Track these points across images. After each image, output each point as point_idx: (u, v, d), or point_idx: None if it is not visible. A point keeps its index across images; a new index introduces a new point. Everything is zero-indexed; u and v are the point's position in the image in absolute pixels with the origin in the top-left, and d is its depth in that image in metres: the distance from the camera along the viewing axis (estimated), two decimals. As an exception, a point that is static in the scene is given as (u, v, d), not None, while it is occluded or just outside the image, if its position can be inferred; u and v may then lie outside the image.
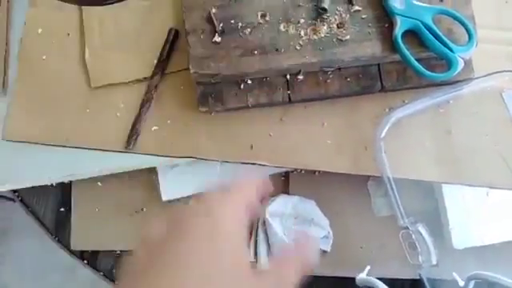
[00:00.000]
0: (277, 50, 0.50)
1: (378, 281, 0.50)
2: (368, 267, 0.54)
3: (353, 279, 0.55)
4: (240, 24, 0.50)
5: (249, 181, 0.32)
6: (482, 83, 0.53)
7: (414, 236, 0.50)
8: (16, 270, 1.39)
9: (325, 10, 0.50)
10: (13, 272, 1.40)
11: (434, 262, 0.49)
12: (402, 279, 0.58)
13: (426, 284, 0.50)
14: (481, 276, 0.49)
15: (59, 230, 0.61)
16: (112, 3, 0.55)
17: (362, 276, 0.53)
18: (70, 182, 0.60)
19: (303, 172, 0.59)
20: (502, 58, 0.54)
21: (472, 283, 0.50)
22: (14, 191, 0.61)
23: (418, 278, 0.53)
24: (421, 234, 0.50)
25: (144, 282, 0.26)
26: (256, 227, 0.57)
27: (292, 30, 0.50)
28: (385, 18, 0.50)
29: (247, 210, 0.29)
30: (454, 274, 0.52)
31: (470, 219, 0.54)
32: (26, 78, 0.56)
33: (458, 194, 0.54)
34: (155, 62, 0.55)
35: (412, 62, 0.48)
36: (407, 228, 0.51)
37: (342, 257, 0.57)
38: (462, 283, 0.51)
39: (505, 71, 0.53)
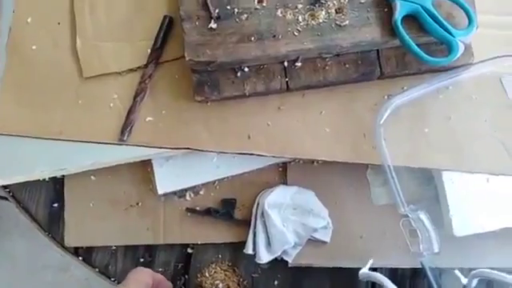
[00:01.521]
0: (274, 36, 0.49)
1: (382, 276, 0.50)
2: (371, 261, 0.53)
3: (352, 270, 0.54)
4: (236, 10, 0.49)
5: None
6: (482, 68, 0.53)
7: (414, 223, 0.50)
8: (8, 269, 1.37)
9: (323, -6, 0.49)
10: (4, 271, 1.37)
11: (436, 250, 0.49)
12: (402, 268, 0.57)
13: (428, 272, 0.50)
14: (484, 274, 0.49)
15: (52, 226, 0.59)
16: (103, -10, 0.54)
17: (364, 270, 0.52)
18: (63, 176, 0.58)
19: (301, 162, 0.58)
20: (502, 43, 0.53)
21: (475, 281, 0.50)
22: (5, 187, 0.59)
23: (418, 267, 0.53)
24: (422, 222, 0.49)
25: None
26: (255, 218, 0.56)
27: (289, 16, 0.49)
28: (384, 2, 0.49)
29: None
30: (457, 271, 0.52)
31: (471, 206, 0.53)
32: (15, 68, 0.54)
33: (458, 180, 0.53)
34: (149, 50, 0.53)
35: (412, 46, 0.47)
36: (407, 216, 0.50)
37: (342, 247, 0.56)
38: (464, 281, 0.51)
39: (504, 56, 0.52)
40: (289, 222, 0.55)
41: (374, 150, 0.51)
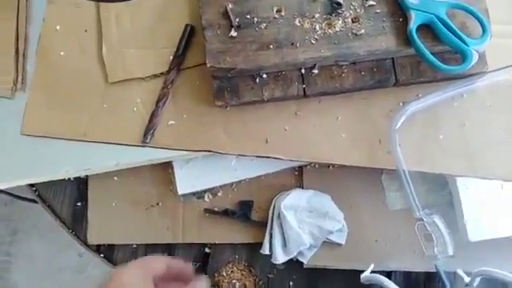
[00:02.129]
0: (292, 44, 0.50)
1: (382, 277, 0.51)
2: (372, 265, 0.54)
3: (367, 272, 0.55)
4: (256, 19, 0.51)
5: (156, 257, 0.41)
6: (496, 77, 0.54)
7: (429, 227, 0.50)
8: (26, 270, 1.40)
9: (340, 4, 0.50)
10: (23, 271, 1.40)
11: (451, 253, 0.50)
12: (416, 272, 0.58)
13: (443, 275, 0.51)
14: (487, 272, 0.49)
15: (76, 224, 0.62)
16: (129, 0, 0.56)
17: (366, 274, 0.53)
18: (87, 176, 0.61)
19: (317, 166, 0.59)
20: (516, 51, 0.54)
21: (478, 279, 0.50)
22: (32, 185, 0.62)
23: (432, 271, 0.54)
24: (436, 225, 0.50)
25: None
26: (271, 220, 0.57)
27: (307, 25, 0.51)
28: (399, 12, 0.51)
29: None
30: (459, 270, 0.52)
31: (485, 212, 0.54)
32: (44, 73, 0.57)
33: (473, 186, 0.54)
34: (171, 57, 0.55)
35: (427, 55, 0.49)
36: (422, 220, 0.51)
37: (357, 250, 0.57)
38: (467, 279, 0.51)
39: (518, 64, 0.53)
40: (304, 224, 0.56)
41: (389, 156, 0.52)
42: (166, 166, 0.59)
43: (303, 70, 0.53)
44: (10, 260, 1.41)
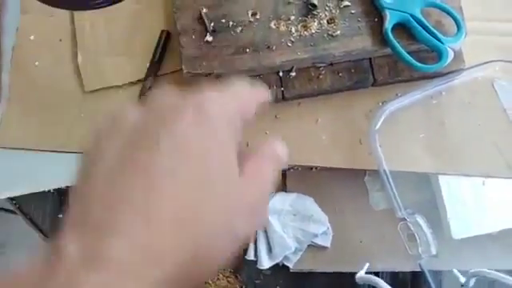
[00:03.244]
0: (268, 47, 0.50)
1: (378, 278, 0.50)
2: (367, 264, 0.54)
3: (353, 274, 0.55)
4: (231, 23, 0.51)
5: (245, 87, 0.28)
6: (474, 74, 0.54)
7: (412, 227, 0.50)
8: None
9: (314, 6, 0.50)
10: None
11: (434, 252, 0.50)
12: (403, 272, 0.58)
13: (427, 274, 0.50)
14: (482, 273, 0.49)
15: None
16: (103, 7, 0.55)
17: (361, 274, 0.53)
18: (67, 187, 0.60)
19: (300, 169, 0.59)
20: (492, 48, 0.54)
21: (473, 280, 0.50)
22: (12, 199, 0.61)
23: (418, 270, 0.53)
24: (419, 225, 0.50)
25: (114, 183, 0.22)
26: (255, 225, 0.57)
27: (283, 27, 0.50)
28: (374, 12, 0.50)
29: (240, 113, 0.27)
30: (455, 270, 0.52)
31: (468, 209, 0.54)
32: (19, 84, 0.56)
33: (455, 184, 0.54)
34: (148, 64, 0.55)
35: (403, 54, 0.48)
36: (405, 219, 0.51)
37: (342, 252, 0.57)
38: (463, 280, 0.51)
39: (495, 61, 0.53)
40: (289, 228, 0.56)
41: (370, 156, 0.52)
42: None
43: (281, 73, 0.52)
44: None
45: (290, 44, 0.50)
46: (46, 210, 0.61)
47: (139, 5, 0.56)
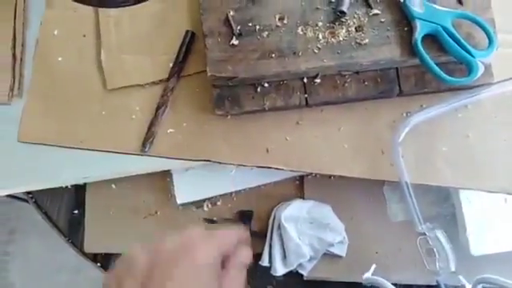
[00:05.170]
0: (294, 53, 0.49)
1: (384, 280, 0.50)
2: (374, 265, 0.53)
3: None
4: (257, 27, 0.50)
5: (230, 232, 0.37)
6: (501, 88, 0.52)
7: (431, 242, 0.50)
8: (23, 270, 1.40)
9: (343, 13, 0.49)
10: (20, 271, 1.40)
11: (453, 269, 0.49)
12: (418, 285, 0.57)
13: (445, 291, 0.50)
14: (489, 280, 0.48)
15: (72, 232, 0.61)
16: (128, 5, 0.55)
17: (368, 275, 0.52)
18: (85, 184, 0.60)
19: (318, 176, 0.58)
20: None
21: (480, 286, 0.49)
22: (28, 192, 0.61)
23: (433, 284, 0.53)
24: (439, 240, 0.49)
25: None
26: (271, 231, 0.56)
27: (310, 33, 0.50)
28: (404, 21, 0.50)
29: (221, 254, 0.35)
30: (461, 277, 0.51)
31: (488, 226, 0.53)
32: (41, 79, 0.56)
33: (476, 199, 0.53)
34: (171, 64, 0.54)
35: (432, 66, 0.48)
36: (425, 234, 0.50)
37: (357, 262, 0.57)
38: (469, 286, 0.51)
39: (525, 76, 0.52)
40: (305, 236, 0.56)
41: (391, 167, 0.52)
42: (165, 175, 0.58)
43: (305, 80, 0.52)
44: (7, 259, 1.41)
45: (316, 51, 0.49)
46: (62, 206, 0.61)
47: (164, 4, 0.56)
